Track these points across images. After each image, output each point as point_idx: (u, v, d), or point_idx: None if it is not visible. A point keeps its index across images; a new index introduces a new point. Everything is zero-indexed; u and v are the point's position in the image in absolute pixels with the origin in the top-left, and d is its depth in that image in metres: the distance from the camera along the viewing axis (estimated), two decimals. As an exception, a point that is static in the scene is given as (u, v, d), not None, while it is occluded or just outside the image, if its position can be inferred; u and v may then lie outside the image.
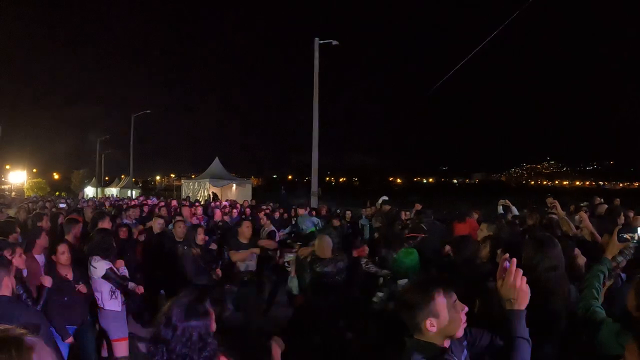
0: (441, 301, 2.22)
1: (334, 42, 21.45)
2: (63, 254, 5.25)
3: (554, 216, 6.30)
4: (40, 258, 5.80)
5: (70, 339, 5.01)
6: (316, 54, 21.57)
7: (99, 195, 43.38)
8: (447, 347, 2.27)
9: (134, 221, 10.46)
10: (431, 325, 2.20)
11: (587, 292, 3.03)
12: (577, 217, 6.52)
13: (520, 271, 2.30)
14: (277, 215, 14.21)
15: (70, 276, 5.30)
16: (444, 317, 2.21)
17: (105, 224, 7.07)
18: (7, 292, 3.58)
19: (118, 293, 5.60)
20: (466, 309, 2.29)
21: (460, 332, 2.28)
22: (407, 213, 12.32)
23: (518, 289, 2.28)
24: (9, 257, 4.14)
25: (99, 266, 5.50)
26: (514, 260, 2.34)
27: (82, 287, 5.33)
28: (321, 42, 21.57)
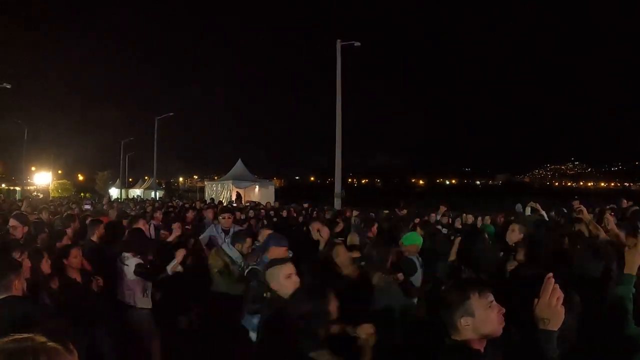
0: (477, 301, 2.33)
1: (356, 44, 21.54)
2: (76, 258, 5.30)
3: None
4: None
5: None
6: (338, 56, 21.64)
7: (123, 197, 43.91)
8: (482, 350, 2.36)
9: (160, 224, 10.48)
10: (465, 324, 2.31)
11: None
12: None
13: (558, 291, 2.27)
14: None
15: (79, 279, 5.34)
16: (479, 317, 2.31)
17: (140, 225, 7.13)
18: (17, 293, 3.59)
19: (149, 291, 5.73)
20: (503, 310, 2.36)
21: (497, 332, 2.35)
22: (433, 215, 12.41)
23: (553, 309, 2.23)
24: (18, 259, 4.21)
25: (131, 263, 5.65)
26: (551, 279, 2.29)
27: (99, 282, 5.45)
28: (343, 43, 21.65)
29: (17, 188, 48.67)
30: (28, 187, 54.03)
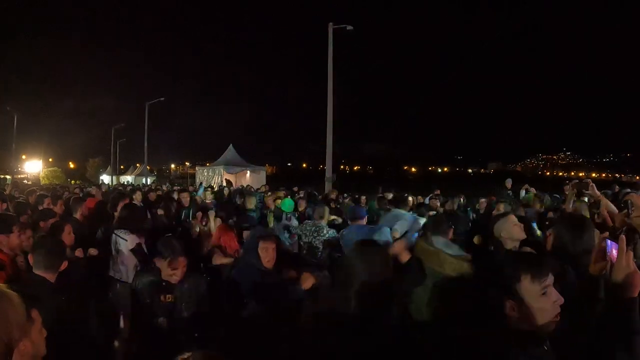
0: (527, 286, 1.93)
1: (348, 27, 21.25)
2: (69, 234, 5.23)
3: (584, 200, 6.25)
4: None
5: None
6: (330, 39, 21.38)
7: (114, 183, 43.73)
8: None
9: (140, 204, 10.52)
10: (511, 309, 1.93)
11: None
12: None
13: (631, 252, 1.96)
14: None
15: (69, 255, 5.27)
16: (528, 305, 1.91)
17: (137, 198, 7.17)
18: None
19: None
20: (561, 300, 1.95)
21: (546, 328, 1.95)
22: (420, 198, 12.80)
23: (632, 271, 1.92)
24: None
25: (130, 239, 5.67)
26: (623, 237, 1.99)
27: (91, 252, 5.40)
28: (335, 26, 21.37)
29: (8, 176, 48.35)
30: (19, 176, 53.68)
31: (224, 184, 25.11)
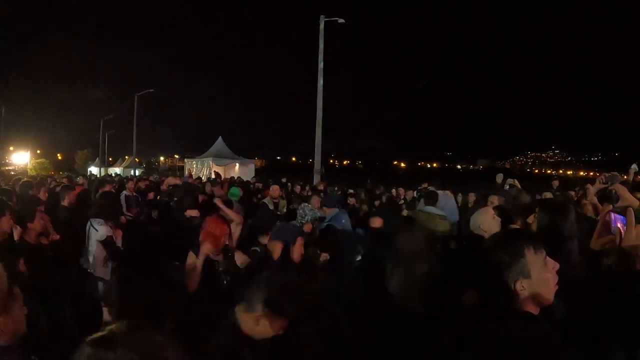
0: (532, 258, 1.89)
1: (340, 20, 21.15)
2: (39, 221, 5.05)
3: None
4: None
5: None
6: (321, 33, 21.28)
7: (102, 175, 43.45)
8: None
9: (134, 194, 10.61)
10: (521, 288, 1.86)
11: None
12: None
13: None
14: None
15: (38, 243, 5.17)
16: (536, 278, 1.87)
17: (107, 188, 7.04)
18: None
19: (110, 262, 5.55)
20: (557, 266, 1.92)
21: (552, 297, 1.91)
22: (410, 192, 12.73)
23: None
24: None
25: (101, 230, 5.51)
26: (631, 210, 2.01)
27: (54, 237, 5.21)
28: (327, 19, 21.26)
29: (-5, 167, 47.96)
30: (6, 167, 53.19)
31: (213, 176, 25.04)
